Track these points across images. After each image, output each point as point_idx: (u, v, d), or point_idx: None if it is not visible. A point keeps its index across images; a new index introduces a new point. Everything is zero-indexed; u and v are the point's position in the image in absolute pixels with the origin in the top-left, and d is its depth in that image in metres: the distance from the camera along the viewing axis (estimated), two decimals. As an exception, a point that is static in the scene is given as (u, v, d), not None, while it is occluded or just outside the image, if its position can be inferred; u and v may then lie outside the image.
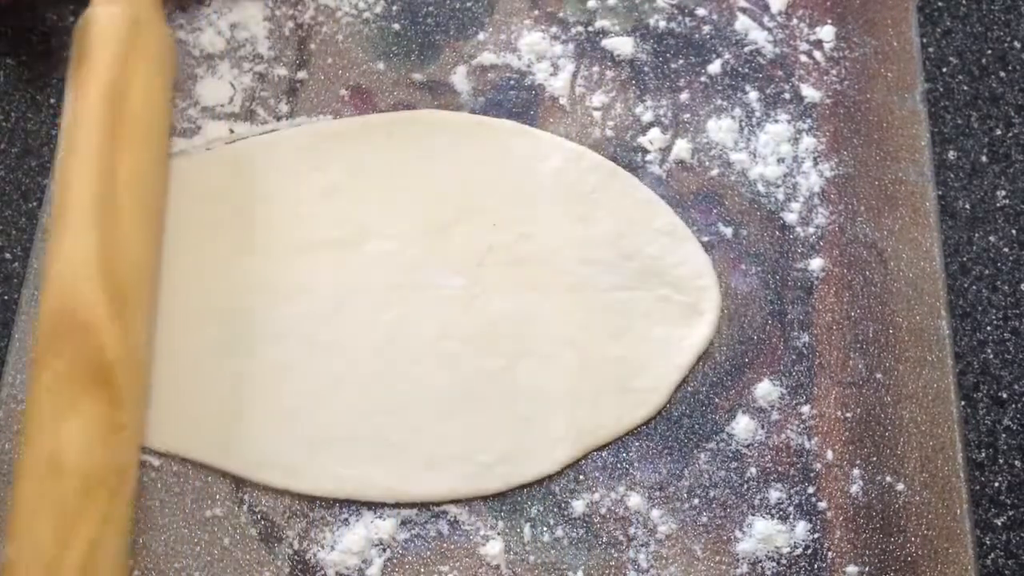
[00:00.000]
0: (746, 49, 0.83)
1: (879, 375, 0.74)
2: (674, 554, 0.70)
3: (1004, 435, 0.78)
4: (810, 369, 0.74)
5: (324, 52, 0.83)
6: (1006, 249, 0.82)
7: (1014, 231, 0.83)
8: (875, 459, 0.72)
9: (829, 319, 0.76)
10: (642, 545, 0.70)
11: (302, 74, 0.82)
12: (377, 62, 0.82)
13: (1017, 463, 0.77)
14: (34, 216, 0.80)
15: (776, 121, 0.81)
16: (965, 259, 0.82)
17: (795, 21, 0.84)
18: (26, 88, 0.85)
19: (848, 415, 0.73)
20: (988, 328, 0.80)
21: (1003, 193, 0.84)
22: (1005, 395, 0.78)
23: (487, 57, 0.83)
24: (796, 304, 0.76)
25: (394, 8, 0.84)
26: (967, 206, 0.84)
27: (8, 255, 0.80)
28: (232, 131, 0.79)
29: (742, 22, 0.83)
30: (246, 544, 0.70)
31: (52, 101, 0.84)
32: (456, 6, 0.85)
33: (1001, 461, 0.77)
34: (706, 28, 0.84)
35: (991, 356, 0.79)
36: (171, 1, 0.82)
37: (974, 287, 0.81)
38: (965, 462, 0.72)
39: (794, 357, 0.75)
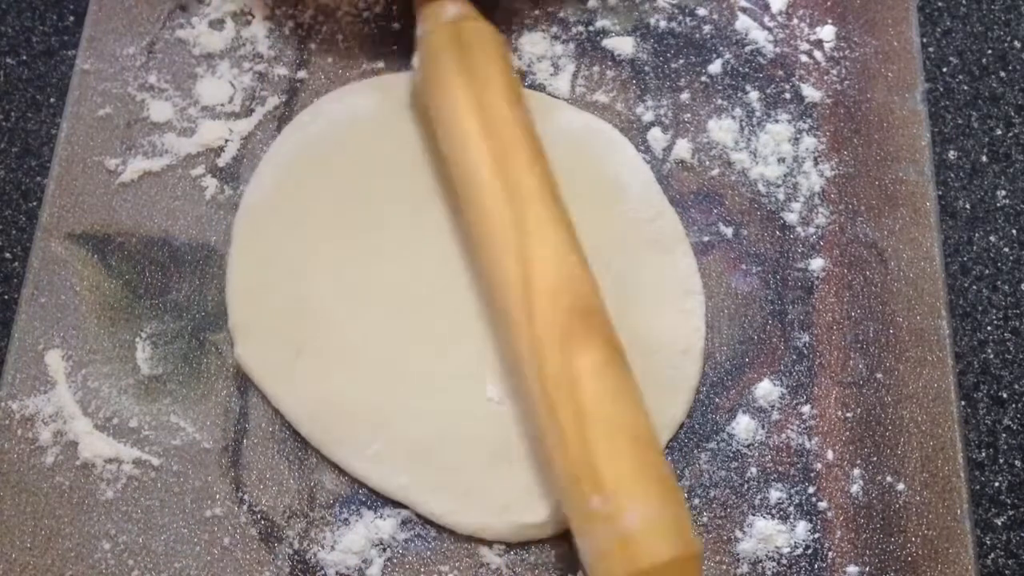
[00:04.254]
0: (746, 49, 0.83)
1: (879, 375, 0.74)
2: (674, 554, 0.70)
3: (1004, 435, 0.78)
4: (810, 369, 0.74)
5: (324, 52, 0.83)
6: (1006, 249, 0.82)
7: (1014, 231, 0.83)
8: (875, 459, 0.72)
9: (829, 319, 0.76)
10: (642, 545, 0.70)
11: (302, 74, 0.82)
12: (377, 61, 0.82)
13: (1017, 463, 0.77)
14: (34, 216, 0.80)
15: (776, 121, 0.81)
16: (965, 259, 0.82)
17: (795, 21, 0.84)
18: (26, 88, 0.85)
19: (848, 415, 0.73)
20: (988, 328, 0.80)
21: (1003, 193, 0.84)
22: (1005, 395, 0.79)
23: (487, 57, 0.82)
24: (796, 304, 0.76)
25: (394, 8, 0.84)
26: (967, 206, 0.84)
27: (8, 255, 0.80)
28: (231, 131, 0.79)
29: (742, 22, 0.84)
30: (246, 544, 0.70)
31: (52, 101, 0.84)
32: (456, 6, 0.84)
33: (1001, 461, 0.77)
34: (706, 28, 0.84)
35: (991, 356, 0.80)
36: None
37: (974, 287, 0.81)
38: (965, 462, 0.72)
39: (794, 357, 0.75)
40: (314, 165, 0.78)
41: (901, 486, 0.72)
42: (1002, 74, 0.88)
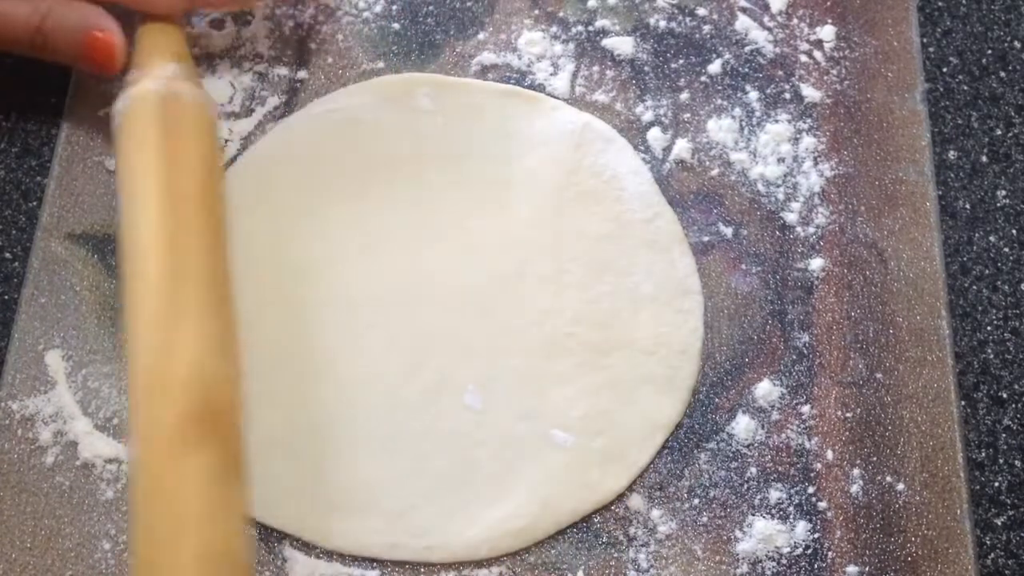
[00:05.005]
0: (746, 49, 0.83)
1: (879, 375, 0.74)
2: (674, 554, 0.70)
3: (1004, 435, 0.77)
4: (810, 369, 0.74)
5: (324, 52, 0.83)
6: (1006, 249, 0.82)
7: (1014, 231, 0.83)
8: (875, 459, 0.72)
9: (829, 319, 0.76)
10: (642, 545, 0.70)
11: (302, 73, 0.82)
12: (377, 61, 0.82)
13: (1017, 463, 0.77)
14: (34, 216, 0.80)
15: (776, 121, 0.81)
16: (965, 259, 0.82)
17: (795, 21, 0.84)
18: (26, 88, 0.85)
19: (848, 415, 0.73)
20: (988, 328, 0.80)
21: (1003, 193, 0.84)
22: (1005, 395, 0.78)
23: (487, 57, 0.82)
24: (796, 304, 0.76)
25: (394, 7, 0.84)
26: (967, 206, 0.84)
27: (8, 255, 0.80)
28: (231, 131, 0.79)
29: (742, 22, 0.83)
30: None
31: (52, 101, 0.84)
32: (456, 6, 0.85)
33: (1001, 461, 0.77)
34: (706, 28, 0.84)
35: (991, 356, 0.79)
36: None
37: (974, 287, 0.81)
38: (965, 462, 0.72)
39: (794, 357, 0.75)
40: (292, 166, 0.79)
41: (901, 486, 0.72)
42: (1002, 74, 0.88)
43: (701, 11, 0.84)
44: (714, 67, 0.83)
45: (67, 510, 0.70)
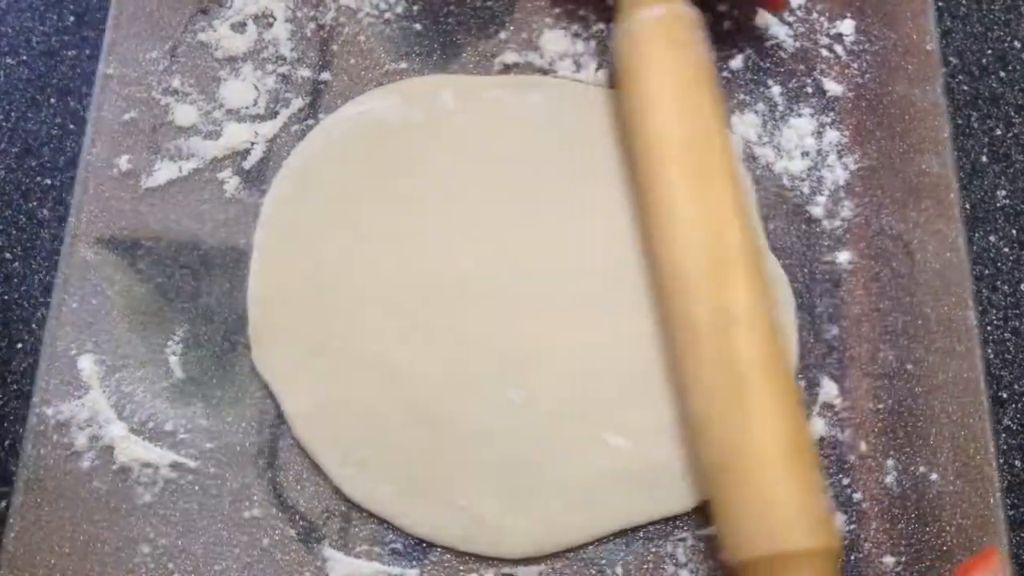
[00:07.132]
0: (767, 44, 0.83)
1: (909, 366, 0.75)
2: (711, 548, 0.70)
3: (1004, 435, 0.78)
4: (841, 361, 0.75)
5: (346, 53, 0.82)
6: (1006, 249, 0.83)
7: (1014, 231, 0.84)
8: (908, 450, 0.73)
9: (858, 311, 0.76)
10: (679, 540, 0.70)
11: (325, 75, 0.81)
12: (399, 62, 0.82)
13: (1017, 463, 0.78)
14: (34, 216, 0.80)
15: (799, 115, 0.81)
16: (966, 259, 0.83)
17: (815, 15, 0.84)
18: (26, 88, 0.85)
19: (880, 406, 0.74)
20: (988, 328, 0.81)
21: (1003, 193, 0.85)
22: (1005, 395, 0.79)
23: (509, 56, 0.82)
24: (824, 297, 0.76)
25: (415, 8, 0.84)
26: (967, 206, 0.84)
27: (8, 255, 0.80)
28: (256, 133, 0.79)
29: (762, 17, 0.84)
30: (285, 545, 0.69)
31: (52, 101, 0.84)
32: (477, 5, 0.84)
33: (1001, 461, 0.77)
34: (727, 23, 0.84)
35: (991, 356, 0.80)
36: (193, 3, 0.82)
37: (974, 287, 0.81)
38: (996, 450, 0.73)
39: (824, 350, 0.75)
40: (336, 169, 0.78)
41: (934, 476, 0.72)
42: (1002, 74, 0.89)
43: (721, 6, 0.84)
44: (736, 62, 0.83)
45: (105, 515, 0.70)
